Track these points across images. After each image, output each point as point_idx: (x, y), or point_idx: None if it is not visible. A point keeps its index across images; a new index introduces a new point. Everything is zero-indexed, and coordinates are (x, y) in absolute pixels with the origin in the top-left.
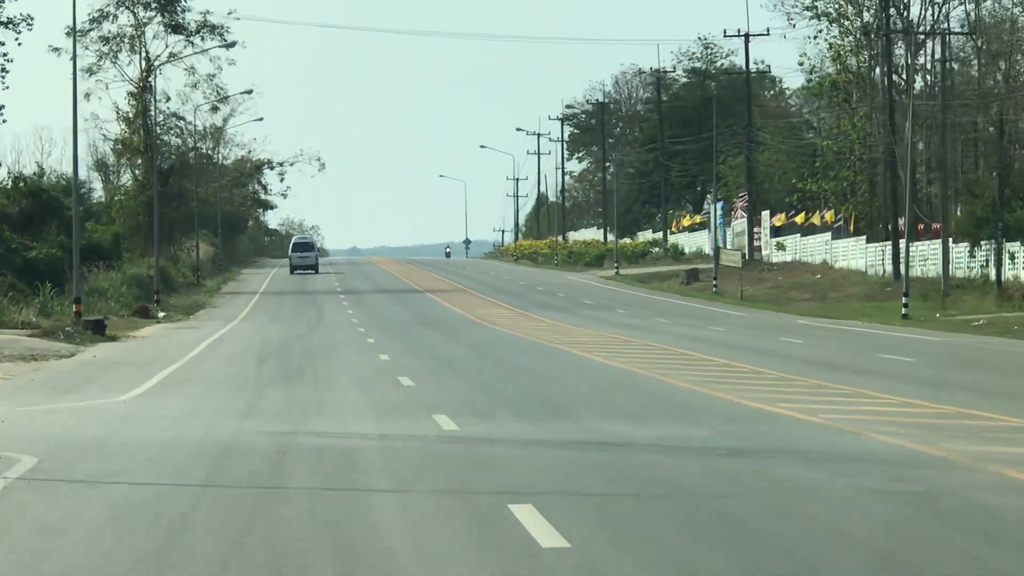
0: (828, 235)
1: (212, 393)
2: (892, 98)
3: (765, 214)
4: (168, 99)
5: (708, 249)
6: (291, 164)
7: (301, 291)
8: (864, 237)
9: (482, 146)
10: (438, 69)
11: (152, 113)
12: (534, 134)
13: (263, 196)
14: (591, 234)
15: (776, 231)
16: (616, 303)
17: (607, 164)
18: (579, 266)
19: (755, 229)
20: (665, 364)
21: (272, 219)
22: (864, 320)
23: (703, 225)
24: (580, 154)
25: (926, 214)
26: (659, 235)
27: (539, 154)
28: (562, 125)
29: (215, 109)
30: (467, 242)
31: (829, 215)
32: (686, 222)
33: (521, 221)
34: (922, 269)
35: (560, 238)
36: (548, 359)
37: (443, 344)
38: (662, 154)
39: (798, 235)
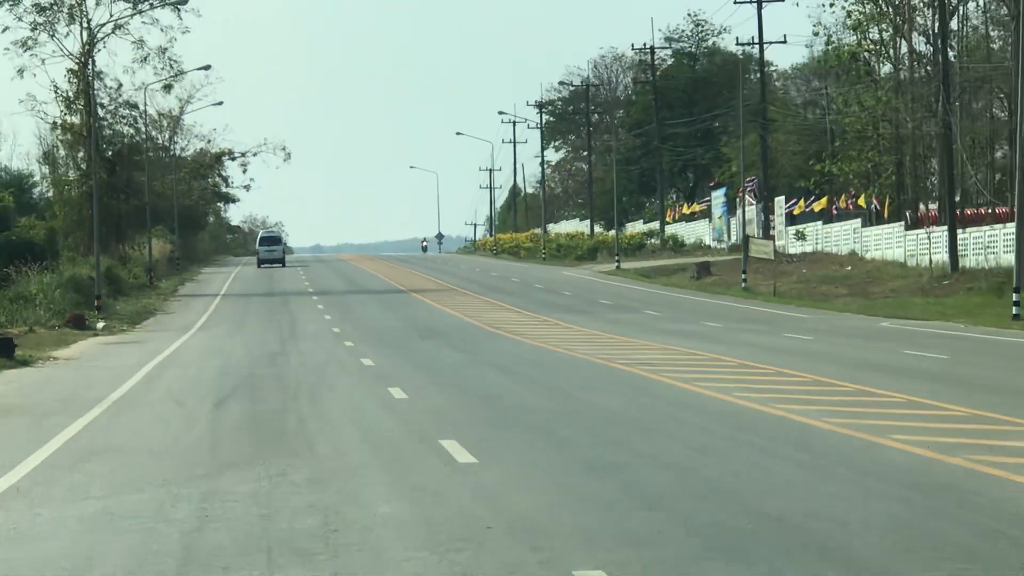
0: (857, 222)
1: (125, 497)
2: (946, 63)
3: (779, 200)
4: (120, 85)
5: (709, 240)
6: (254, 154)
7: (268, 292)
8: (901, 224)
9: (459, 133)
10: (409, 54)
11: (95, 91)
12: (510, 121)
13: (224, 189)
14: (572, 226)
15: (791, 219)
16: (637, 302)
17: (588, 151)
18: (568, 260)
19: (766, 217)
20: (831, 405)
21: (235, 215)
22: (964, 322)
23: (702, 214)
24: (557, 143)
25: (978, 195)
26: (652, 226)
27: (515, 142)
28: (540, 110)
29: (168, 88)
30: (440, 237)
31: (862, 199)
32: (685, 211)
33: (487, 215)
34: (982, 258)
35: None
36: (637, 395)
37: (467, 367)
38: (658, 135)
39: (819, 223)
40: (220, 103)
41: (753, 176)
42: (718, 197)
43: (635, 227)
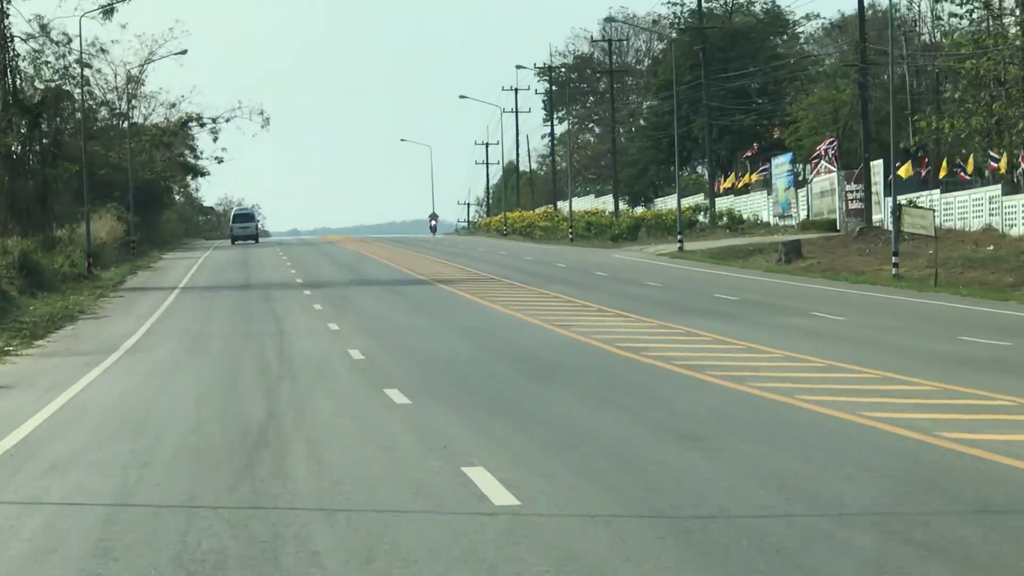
0: (995, 190)
1: None
2: None
3: (877, 165)
4: (69, 40)
5: (769, 216)
6: (227, 120)
7: (243, 284)
8: None
9: (462, 96)
10: (401, 14)
11: (7, 22)
12: (511, 88)
13: (192, 160)
14: (586, 203)
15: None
16: (778, 298)
17: (612, 116)
18: (600, 241)
19: (851, 186)
20: None
21: (208, 195)
22: None
23: (759, 186)
24: (560, 114)
25: None
26: (692, 200)
27: (517, 112)
28: (550, 72)
29: (108, 13)
30: (433, 217)
31: (970, 162)
32: (726, 183)
33: (482, 192)
34: None
35: (552, 208)
36: None
37: (702, 466)
38: (704, 92)
39: (934, 192)
40: (184, 52)
41: (832, 137)
42: (781, 165)
43: (667, 203)
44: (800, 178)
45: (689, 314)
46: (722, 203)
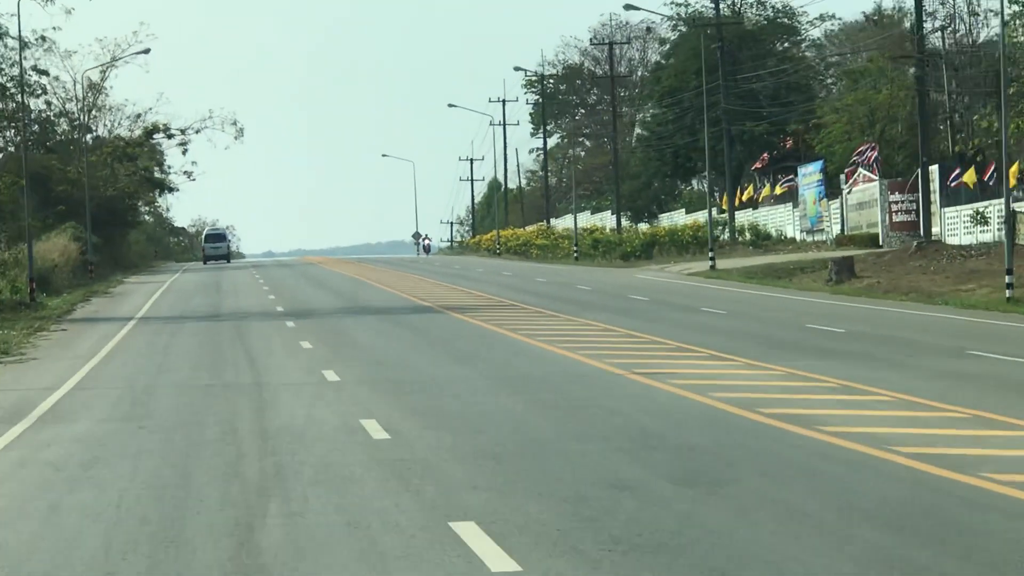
0: None
1: None
2: None
3: (934, 170)
4: (27, 46)
5: (795, 231)
6: (196, 131)
7: (213, 314)
8: None
9: (451, 105)
10: (384, 22)
11: None
12: (499, 100)
13: (158, 175)
14: (583, 220)
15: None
16: (899, 329)
17: (613, 124)
18: (608, 259)
19: (895, 196)
20: None
21: (180, 216)
22: None
23: (782, 198)
24: (548, 126)
25: None
26: (700, 216)
27: (504, 124)
28: (542, 81)
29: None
30: (417, 236)
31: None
32: (745, 196)
33: (463, 212)
34: None
35: (546, 225)
36: None
37: None
38: (725, 96)
39: (995, 201)
40: (147, 51)
41: (872, 142)
42: (810, 174)
43: (672, 218)
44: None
45: (797, 353)
46: (741, 218)
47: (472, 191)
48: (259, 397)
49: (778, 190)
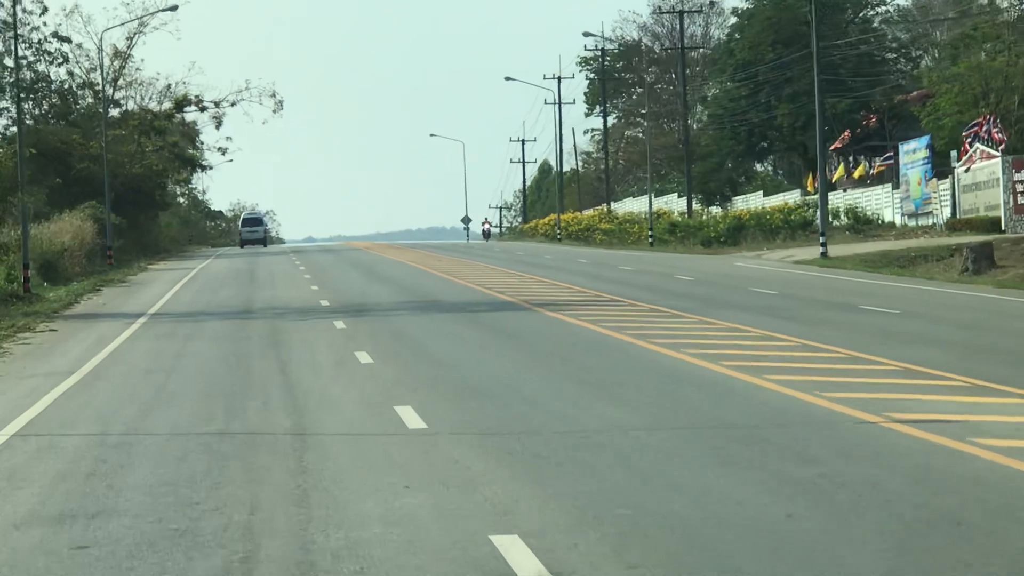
0: None
1: None
2: None
3: None
4: (45, 10)
5: (893, 215)
6: (232, 104)
7: (243, 310)
8: None
9: (508, 78)
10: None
11: None
12: (554, 76)
13: (189, 151)
14: (644, 204)
15: None
16: None
17: (683, 98)
18: (687, 246)
19: (1021, 174)
20: None
21: (217, 199)
22: None
23: (879, 178)
24: (607, 104)
25: None
26: (786, 197)
27: (559, 103)
28: (602, 53)
29: None
30: (467, 221)
31: None
32: (836, 176)
33: (510, 196)
34: None
35: (606, 209)
36: None
37: None
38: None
39: None
40: (175, 7)
41: (989, 114)
42: (914, 151)
43: (748, 201)
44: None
45: None
46: (833, 200)
47: (524, 173)
48: (299, 465)
49: (879, 168)
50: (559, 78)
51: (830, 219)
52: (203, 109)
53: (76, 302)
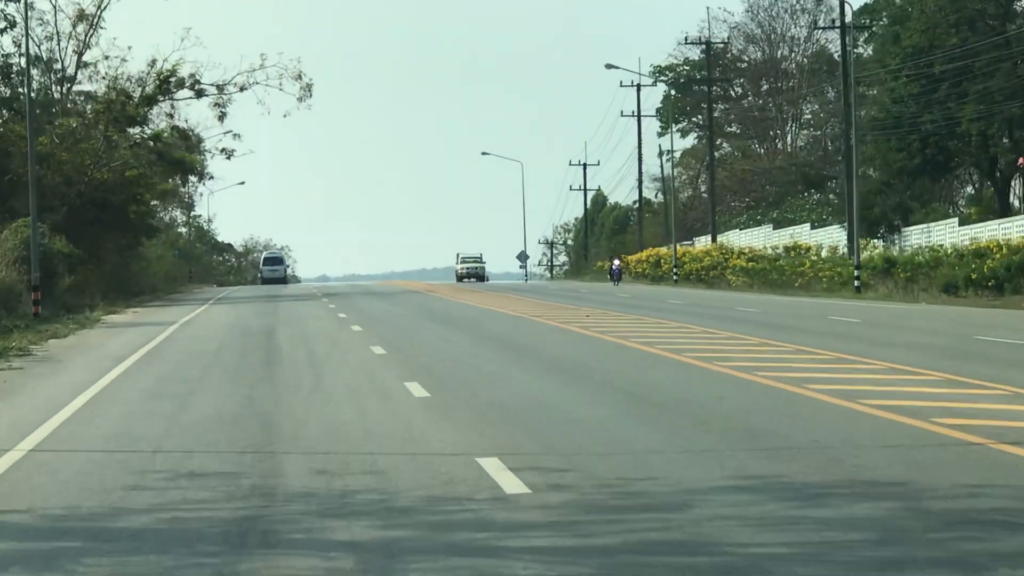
0: None
1: None
2: None
3: None
4: None
5: None
6: (240, 88)
7: (249, 496)
8: None
9: (609, 65)
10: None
11: None
12: (632, 84)
13: (181, 150)
14: (756, 237)
15: None
16: None
17: (847, 103)
18: (911, 292)
19: None
20: None
21: (225, 229)
22: None
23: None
24: (683, 124)
25: None
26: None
27: (639, 116)
28: (708, 50)
29: None
30: (524, 258)
31: None
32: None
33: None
34: None
35: (712, 242)
36: None
37: None
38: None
39: None
40: None
41: None
42: None
43: (932, 232)
44: None
45: None
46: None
47: (585, 201)
48: None
49: None
50: (638, 86)
51: None
52: (200, 93)
53: None
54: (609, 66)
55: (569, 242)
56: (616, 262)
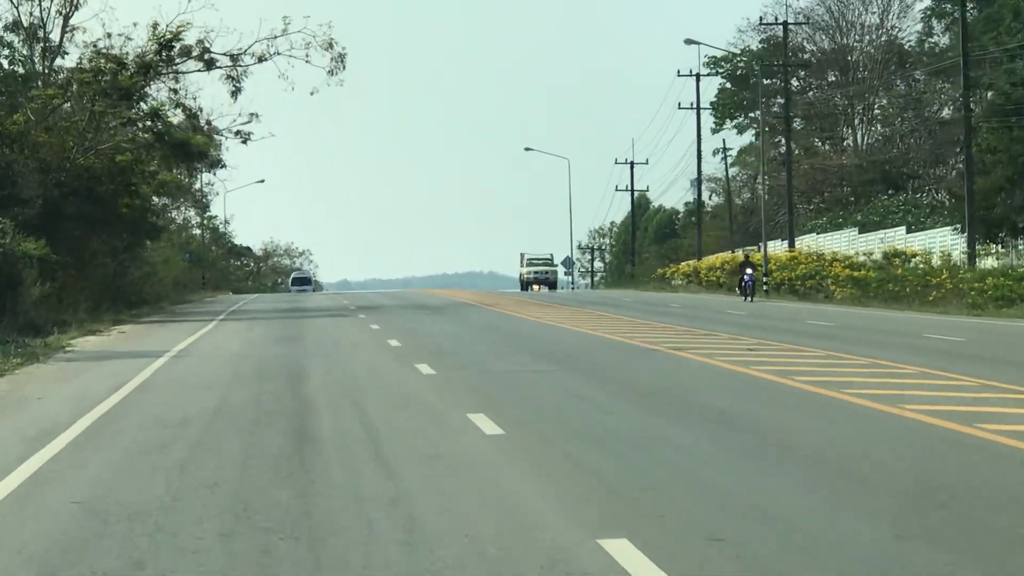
0: None
1: None
2: None
3: None
4: None
5: None
6: (260, 59)
7: None
8: None
9: (691, 39)
10: None
11: None
12: (691, 74)
13: (187, 131)
14: (833, 241)
15: None
16: None
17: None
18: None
19: None
20: None
21: (245, 232)
22: None
23: None
24: (738, 121)
25: None
26: None
27: (698, 108)
28: (785, 31)
29: None
30: (569, 264)
31: None
32: None
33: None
34: None
35: (790, 247)
36: None
37: None
38: None
39: None
40: None
41: None
42: None
43: None
44: None
45: None
46: None
47: (633, 203)
48: None
49: None
50: (697, 76)
51: None
52: (210, 64)
53: None
54: (689, 41)
55: (606, 247)
56: (749, 271)
